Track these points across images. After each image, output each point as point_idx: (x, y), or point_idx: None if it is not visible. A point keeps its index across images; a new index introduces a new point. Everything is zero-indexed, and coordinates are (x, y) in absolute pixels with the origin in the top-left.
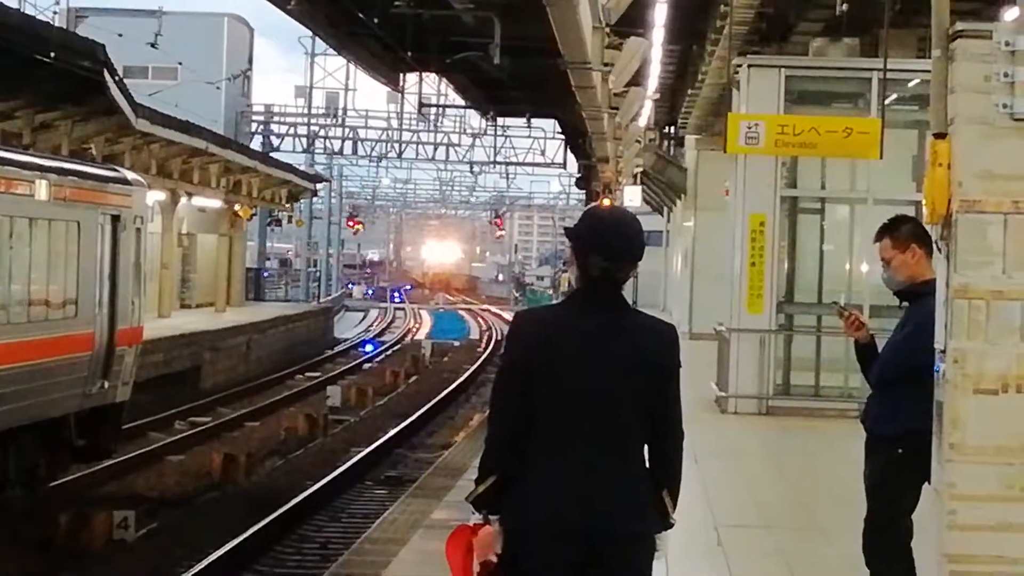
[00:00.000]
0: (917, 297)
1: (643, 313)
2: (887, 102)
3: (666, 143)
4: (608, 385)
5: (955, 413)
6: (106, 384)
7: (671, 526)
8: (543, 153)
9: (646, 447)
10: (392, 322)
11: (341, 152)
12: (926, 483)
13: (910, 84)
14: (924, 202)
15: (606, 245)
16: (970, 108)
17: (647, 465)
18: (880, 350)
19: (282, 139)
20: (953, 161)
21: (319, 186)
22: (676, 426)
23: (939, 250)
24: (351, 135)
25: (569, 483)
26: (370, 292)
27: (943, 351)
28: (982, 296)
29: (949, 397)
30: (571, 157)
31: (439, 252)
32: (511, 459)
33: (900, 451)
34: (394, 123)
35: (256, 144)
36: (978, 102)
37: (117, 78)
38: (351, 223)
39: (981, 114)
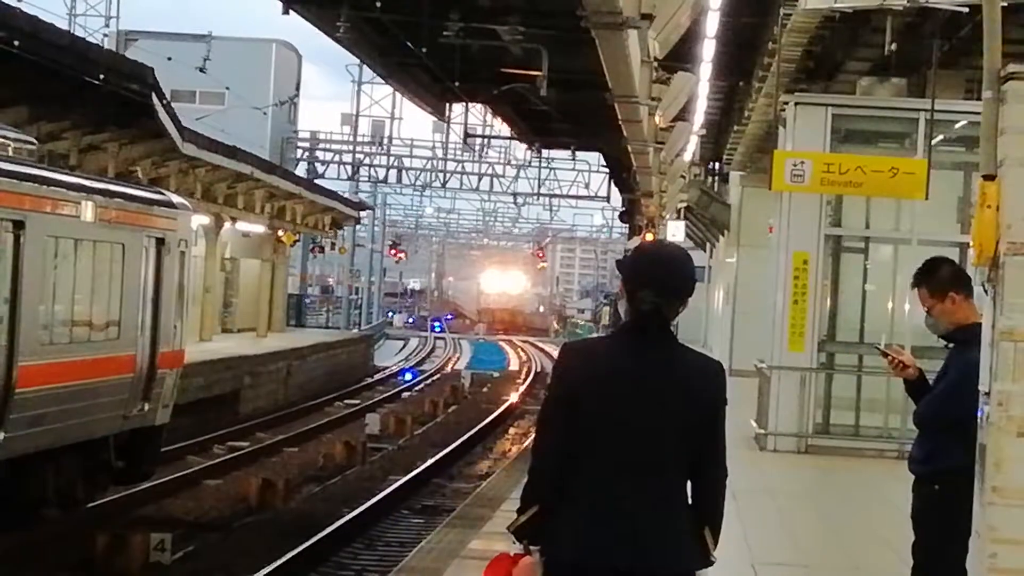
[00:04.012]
0: (962, 342)
1: (691, 349)
2: (934, 143)
3: (710, 179)
4: (654, 420)
5: (998, 456)
6: (146, 406)
7: (712, 564)
8: (587, 186)
9: (689, 483)
10: (432, 351)
11: (385, 180)
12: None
13: (957, 125)
14: (972, 244)
15: (656, 280)
16: (1020, 150)
17: (689, 501)
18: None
19: (327, 166)
20: (1002, 203)
21: (363, 214)
22: (720, 463)
23: (986, 292)
24: (396, 163)
25: (611, 518)
26: (411, 320)
27: (987, 393)
28: None
29: (992, 440)
30: (615, 190)
31: (501, 283)
32: (553, 490)
33: (936, 487)
34: (439, 152)
35: (301, 170)
36: None
37: (165, 102)
38: (393, 251)
39: None
